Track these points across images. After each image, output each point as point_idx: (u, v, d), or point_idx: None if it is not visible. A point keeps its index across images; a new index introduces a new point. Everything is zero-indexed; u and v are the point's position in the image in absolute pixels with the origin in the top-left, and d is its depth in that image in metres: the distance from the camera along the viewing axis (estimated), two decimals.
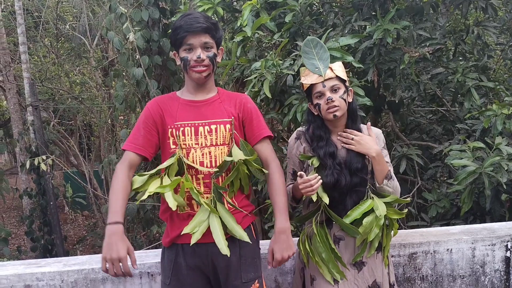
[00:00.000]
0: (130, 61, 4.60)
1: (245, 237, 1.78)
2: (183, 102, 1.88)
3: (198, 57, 1.78)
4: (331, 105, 1.90)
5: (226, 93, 1.96)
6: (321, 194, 1.90)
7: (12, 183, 9.73)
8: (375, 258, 1.99)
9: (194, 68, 1.81)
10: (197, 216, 1.78)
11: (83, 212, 11.63)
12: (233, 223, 1.79)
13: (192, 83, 1.88)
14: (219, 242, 1.73)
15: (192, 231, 1.75)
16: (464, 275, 2.44)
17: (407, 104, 4.46)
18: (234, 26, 3.75)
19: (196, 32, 1.77)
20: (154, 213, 5.16)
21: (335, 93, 1.92)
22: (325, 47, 1.99)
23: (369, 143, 1.91)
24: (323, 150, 1.95)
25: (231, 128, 1.86)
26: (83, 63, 10.64)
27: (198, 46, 1.79)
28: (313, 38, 2.01)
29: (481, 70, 3.81)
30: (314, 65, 1.96)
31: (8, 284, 2.17)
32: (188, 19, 1.78)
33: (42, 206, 6.84)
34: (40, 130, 6.69)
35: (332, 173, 1.92)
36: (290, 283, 2.33)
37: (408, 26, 3.28)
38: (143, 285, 2.25)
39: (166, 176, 1.76)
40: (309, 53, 1.99)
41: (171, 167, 1.78)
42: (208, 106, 1.87)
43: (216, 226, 1.76)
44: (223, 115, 1.86)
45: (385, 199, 1.96)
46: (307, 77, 1.97)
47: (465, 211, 3.03)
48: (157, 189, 1.71)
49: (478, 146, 2.90)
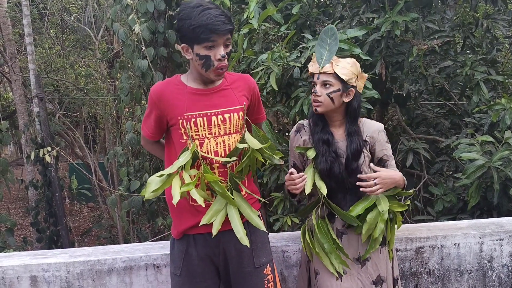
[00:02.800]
0: (136, 53, 4.57)
1: (261, 225, 1.78)
2: (190, 91, 1.81)
3: (222, 56, 1.73)
4: (315, 99, 1.91)
5: (231, 76, 1.91)
6: (319, 184, 1.90)
7: (18, 174, 9.77)
8: (379, 253, 1.98)
9: (218, 69, 1.75)
10: (213, 206, 1.76)
11: (88, 204, 11.68)
12: (250, 211, 1.78)
13: (203, 77, 1.81)
14: (238, 232, 1.73)
15: (210, 221, 1.73)
16: (472, 270, 2.42)
17: (415, 97, 4.42)
18: (241, 18, 3.72)
19: (222, 33, 1.71)
20: (159, 205, 5.17)
21: (325, 88, 1.89)
22: (338, 41, 1.95)
23: (389, 176, 1.89)
24: (317, 136, 1.96)
25: (243, 115, 1.84)
26: (88, 55, 10.63)
27: (221, 44, 1.73)
28: (332, 28, 1.97)
29: (489, 63, 3.77)
30: (321, 54, 1.93)
31: (14, 274, 2.18)
32: (213, 17, 1.67)
33: (47, 197, 6.86)
34: (46, 122, 6.70)
35: (326, 160, 1.92)
36: (296, 276, 2.33)
37: (417, 18, 3.24)
38: (149, 276, 2.25)
39: (184, 172, 1.72)
40: (324, 41, 1.96)
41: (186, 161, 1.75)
42: (219, 94, 1.83)
43: (234, 216, 1.75)
44: (235, 103, 1.83)
45: (387, 192, 1.95)
46: (313, 64, 1.96)
47: (472, 206, 3.00)
48: (184, 188, 1.66)
49: (487, 140, 2.87)
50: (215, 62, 1.73)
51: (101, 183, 7.98)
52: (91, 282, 2.21)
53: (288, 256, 2.34)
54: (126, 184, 4.99)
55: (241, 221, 1.75)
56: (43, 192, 6.91)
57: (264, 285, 1.89)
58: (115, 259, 2.23)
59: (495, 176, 2.71)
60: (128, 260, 2.24)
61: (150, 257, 2.25)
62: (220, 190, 1.72)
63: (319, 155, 1.94)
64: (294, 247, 2.34)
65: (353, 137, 1.94)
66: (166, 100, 1.81)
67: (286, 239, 2.41)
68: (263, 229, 1.78)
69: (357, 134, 1.94)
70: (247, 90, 1.89)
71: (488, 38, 4.03)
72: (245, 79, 1.93)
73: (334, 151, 1.94)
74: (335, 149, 1.94)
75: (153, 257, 2.25)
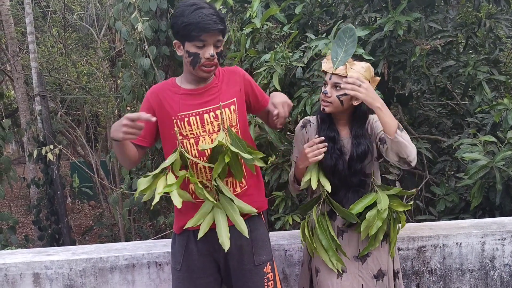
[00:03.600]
0: (138, 51, 4.58)
1: (245, 231, 1.76)
2: (184, 92, 1.84)
3: (211, 55, 1.74)
4: (324, 99, 1.91)
5: (222, 71, 1.92)
6: (323, 181, 1.91)
7: (20, 172, 9.77)
8: (380, 247, 1.98)
9: (205, 67, 1.77)
10: (201, 208, 1.78)
11: (89, 202, 11.70)
12: (235, 215, 1.77)
13: (193, 76, 1.84)
14: (221, 236, 1.73)
15: (196, 224, 1.75)
16: (473, 269, 2.42)
17: (417, 97, 4.42)
18: (243, 17, 3.73)
19: (213, 32, 1.73)
20: (161, 204, 5.17)
21: (335, 90, 1.89)
22: (355, 43, 1.90)
23: (375, 95, 1.82)
24: (323, 133, 1.96)
25: (235, 109, 1.84)
26: (91, 53, 10.63)
27: (211, 44, 1.75)
28: (352, 28, 1.92)
29: (492, 63, 3.76)
30: (336, 53, 1.89)
31: (17, 271, 2.19)
32: (205, 16, 1.70)
33: (49, 196, 6.88)
34: (48, 120, 6.71)
35: (331, 157, 1.92)
36: (297, 274, 2.33)
37: (419, 18, 3.23)
38: (151, 274, 2.26)
39: (171, 173, 1.74)
40: (341, 40, 1.91)
41: (175, 162, 1.77)
42: (210, 92, 1.85)
43: (220, 218, 1.76)
44: (226, 98, 1.85)
45: (389, 191, 1.95)
46: (326, 62, 1.95)
47: (475, 206, 3.00)
48: (165, 189, 1.69)
49: (490, 140, 2.87)
50: (203, 60, 1.75)
51: (103, 181, 7.99)
52: (94, 279, 2.22)
53: (290, 254, 2.35)
54: (128, 182, 5.00)
55: (226, 224, 1.75)
56: (44, 190, 6.93)
57: (264, 283, 1.90)
58: (118, 257, 2.24)
59: (497, 176, 2.70)
60: (130, 258, 2.24)
61: (152, 255, 2.26)
62: (201, 192, 1.73)
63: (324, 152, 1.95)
64: (296, 245, 2.34)
65: (360, 139, 1.94)
66: (161, 102, 1.84)
67: (288, 237, 2.42)
68: (246, 235, 1.76)
69: (364, 137, 1.94)
70: (238, 81, 1.90)
71: (491, 38, 4.02)
72: (233, 71, 1.94)
73: (339, 148, 1.95)
74: (340, 147, 1.95)
75: (155, 255, 2.26)
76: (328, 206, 1.96)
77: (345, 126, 2.00)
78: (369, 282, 1.95)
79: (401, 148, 1.78)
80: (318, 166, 1.95)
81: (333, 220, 2.00)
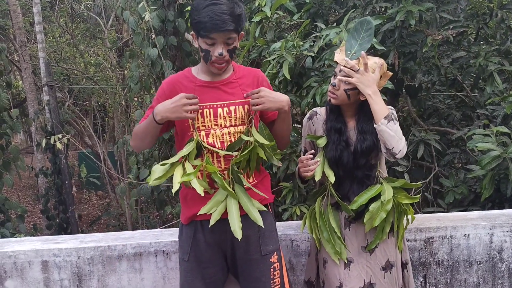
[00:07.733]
0: (145, 42, 4.56)
1: (259, 220, 1.77)
2: (199, 84, 1.85)
3: (220, 54, 1.73)
4: (332, 91, 1.90)
5: (241, 70, 1.92)
6: (327, 172, 1.91)
7: (28, 162, 9.84)
8: (387, 238, 1.98)
9: (215, 63, 1.77)
10: (215, 197, 1.78)
11: (97, 192, 11.78)
12: (250, 205, 1.79)
13: (208, 68, 1.84)
14: (234, 225, 1.74)
15: (209, 212, 1.75)
16: (481, 261, 2.41)
17: (426, 88, 4.37)
18: (252, 6, 3.69)
19: (222, 32, 1.70)
20: (168, 194, 5.19)
21: (344, 84, 1.87)
22: (372, 38, 1.87)
23: (370, 81, 1.80)
24: (330, 123, 1.97)
25: (249, 109, 1.84)
26: (98, 43, 10.64)
27: (221, 42, 1.73)
28: (370, 22, 1.89)
29: (503, 54, 3.71)
30: (351, 46, 1.87)
31: (26, 259, 2.20)
32: (214, 15, 1.66)
33: (57, 185, 6.93)
34: (56, 110, 6.74)
35: (336, 149, 1.93)
36: (304, 264, 2.33)
37: (431, 8, 3.19)
38: (158, 263, 2.26)
39: (187, 162, 1.75)
40: (358, 32, 1.88)
41: (191, 151, 1.77)
42: (226, 87, 1.85)
43: (233, 208, 1.76)
44: (241, 96, 1.85)
45: (394, 183, 1.94)
46: (340, 53, 1.92)
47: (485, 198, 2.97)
48: (183, 178, 1.70)
49: (502, 131, 2.83)
50: (213, 57, 1.75)
51: (110, 171, 8.03)
52: (101, 267, 2.23)
53: (297, 244, 2.34)
54: (136, 172, 5.01)
55: (239, 213, 1.76)
56: (52, 180, 6.98)
57: (270, 273, 1.90)
58: (125, 245, 2.24)
59: (510, 167, 2.67)
60: (138, 247, 2.25)
61: (159, 244, 2.26)
62: (219, 181, 1.74)
63: (330, 143, 1.96)
64: (303, 236, 2.34)
65: (366, 134, 1.92)
66: (177, 93, 1.82)
67: (295, 227, 2.41)
68: (260, 224, 1.78)
69: (370, 132, 1.92)
70: (255, 84, 1.89)
71: (503, 29, 3.96)
72: (253, 74, 1.93)
73: (344, 140, 1.94)
74: (346, 139, 1.95)
75: (162, 243, 2.26)
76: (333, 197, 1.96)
77: (352, 117, 1.99)
78: (378, 274, 1.95)
79: (386, 139, 1.80)
80: (324, 158, 1.94)
81: (340, 211, 1.99)
